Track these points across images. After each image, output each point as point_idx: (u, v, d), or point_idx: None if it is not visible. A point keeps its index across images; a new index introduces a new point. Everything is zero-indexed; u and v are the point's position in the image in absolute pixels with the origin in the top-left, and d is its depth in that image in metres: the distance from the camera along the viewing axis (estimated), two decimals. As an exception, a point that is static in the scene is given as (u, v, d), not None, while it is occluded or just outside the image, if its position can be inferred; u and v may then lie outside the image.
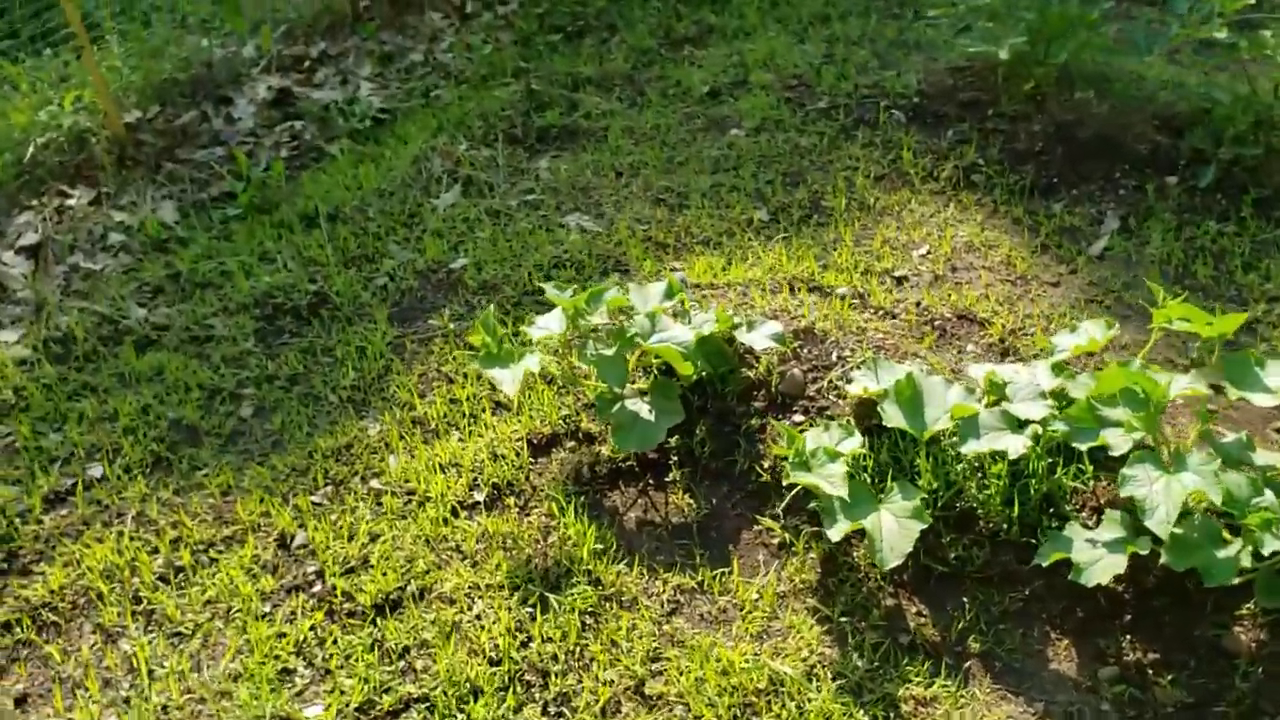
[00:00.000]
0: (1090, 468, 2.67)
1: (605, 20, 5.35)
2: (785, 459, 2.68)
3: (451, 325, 3.51)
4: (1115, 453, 2.53)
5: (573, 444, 3.05)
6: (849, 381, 2.97)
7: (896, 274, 3.63)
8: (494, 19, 5.22)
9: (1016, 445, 2.55)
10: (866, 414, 2.88)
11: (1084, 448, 2.59)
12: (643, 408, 2.90)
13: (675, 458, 2.97)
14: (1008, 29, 4.09)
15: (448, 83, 4.88)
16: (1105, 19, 4.27)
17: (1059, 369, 2.76)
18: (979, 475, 2.70)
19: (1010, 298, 3.50)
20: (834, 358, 3.13)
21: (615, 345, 2.88)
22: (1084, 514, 2.65)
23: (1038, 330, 3.27)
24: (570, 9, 5.35)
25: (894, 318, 3.42)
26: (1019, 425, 2.61)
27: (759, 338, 3.04)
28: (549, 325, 2.98)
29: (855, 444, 2.67)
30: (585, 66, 4.97)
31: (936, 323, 3.39)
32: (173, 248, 4.17)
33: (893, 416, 2.69)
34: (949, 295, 3.45)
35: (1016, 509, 2.61)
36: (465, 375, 3.30)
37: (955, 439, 2.64)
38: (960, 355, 3.25)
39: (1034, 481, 2.63)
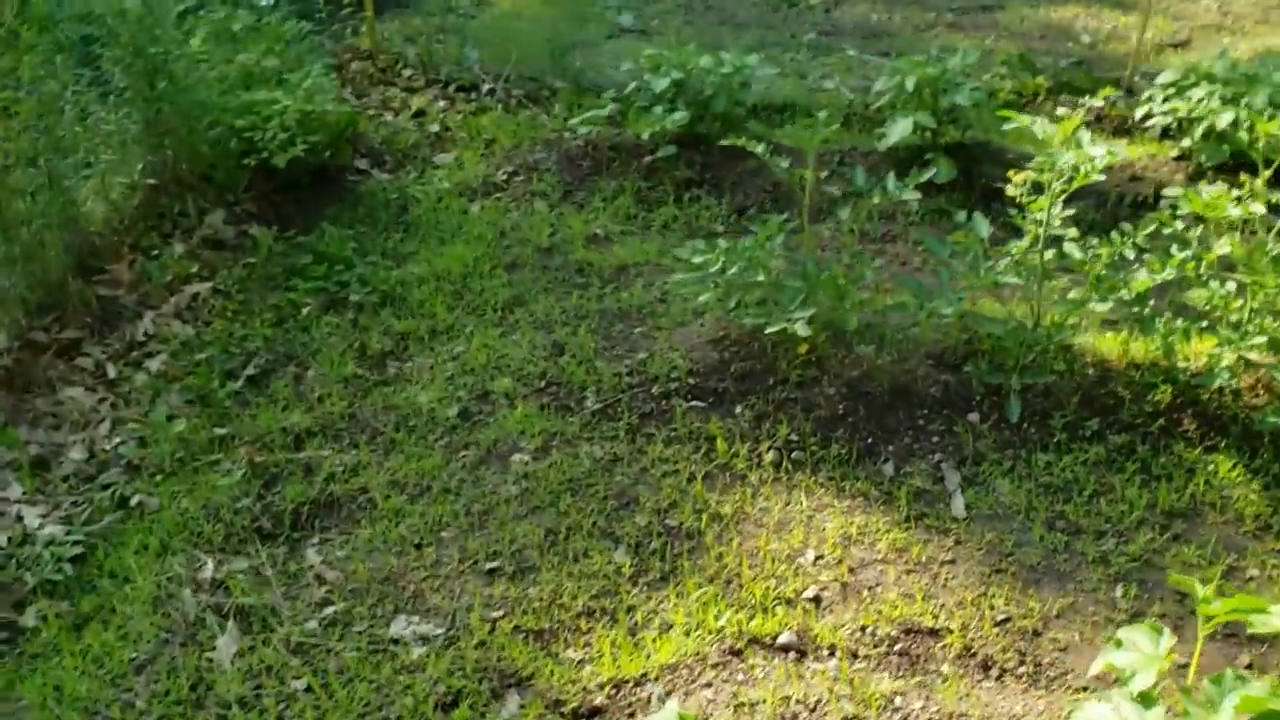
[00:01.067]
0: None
1: (283, 352, 4.53)
2: None
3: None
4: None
5: None
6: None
7: (808, 595, 3.30)
8: (151, 378, 4.20)
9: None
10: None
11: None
12: None
13: None
14: (786, 300, 3.96)
15: (141, 481, 3.80)
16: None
17: (1147, 700, 2.55)
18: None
19: (929, 590, 3.31)
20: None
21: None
22: None
23: (986, 627, 3.09)
24: (235, 349, 4.47)
25: (855, 656, 3.08)
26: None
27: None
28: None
29: None
30: (294, 415, 4.13)
31: (891, 645, 3.11)
32: None
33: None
34: (875, 607, 3.20)
35: None
36: None
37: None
38: (937, 678, 2.98)
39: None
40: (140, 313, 4.50)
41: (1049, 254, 3.94)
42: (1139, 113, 5.96)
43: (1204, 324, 3.94)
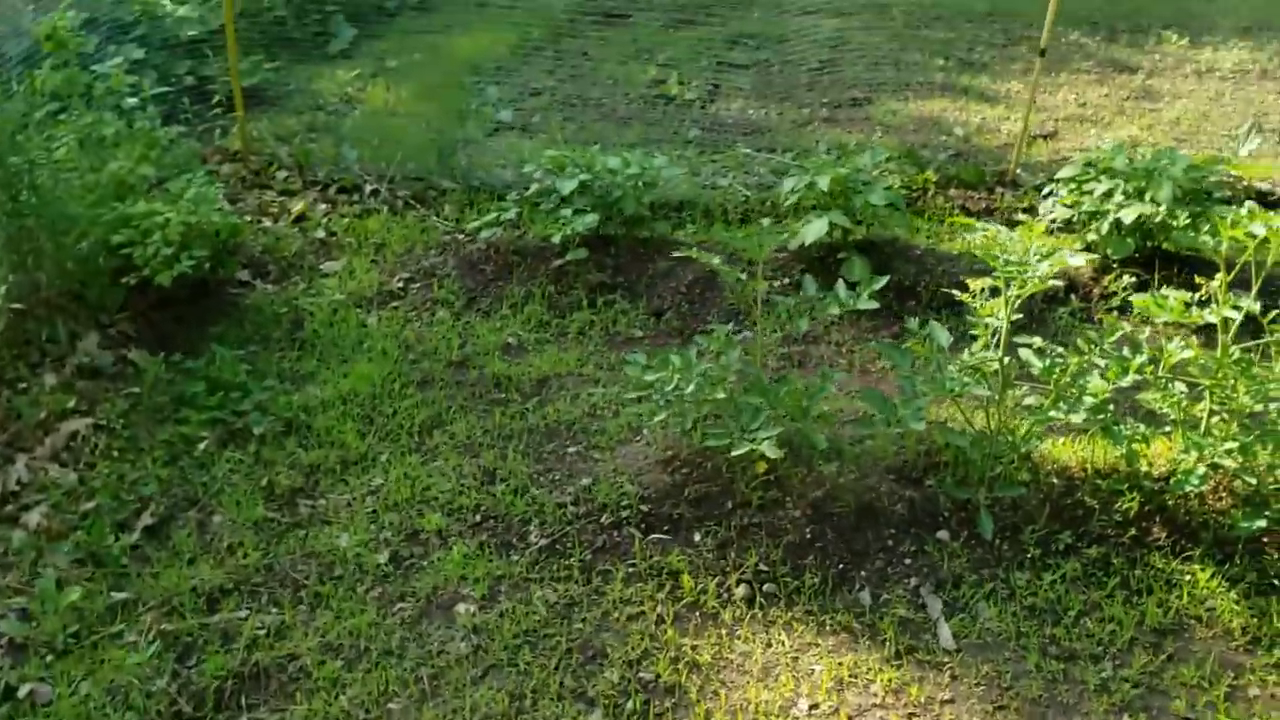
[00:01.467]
0: None
1: (181, 495, 4.01)
2: None
3: None
4: None
5: None
6: None
7: (811, 754, 3.01)
8: (31, 536, 3.63)
9: None
10: None
11: None
12: None
13: None
14: (746, 419, 3.71)
15: (29, 664, 3.22)
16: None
17: None
18: None
19: (939, 737, 3.06)
20: None
21: None
22: None
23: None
24: (126, 495, 3.94)
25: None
26: None
27: None
28: None
29: None
30: (203, 570, 3.64)
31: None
32: None
33: None
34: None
35: None
36: None
37: None
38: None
39: None
40: (11, 457, 3.95)
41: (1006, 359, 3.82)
42: (1043, 207, 6.01)
43: (1164, 428, 3.87)
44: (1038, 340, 3.83)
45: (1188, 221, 5.23)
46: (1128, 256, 5.55)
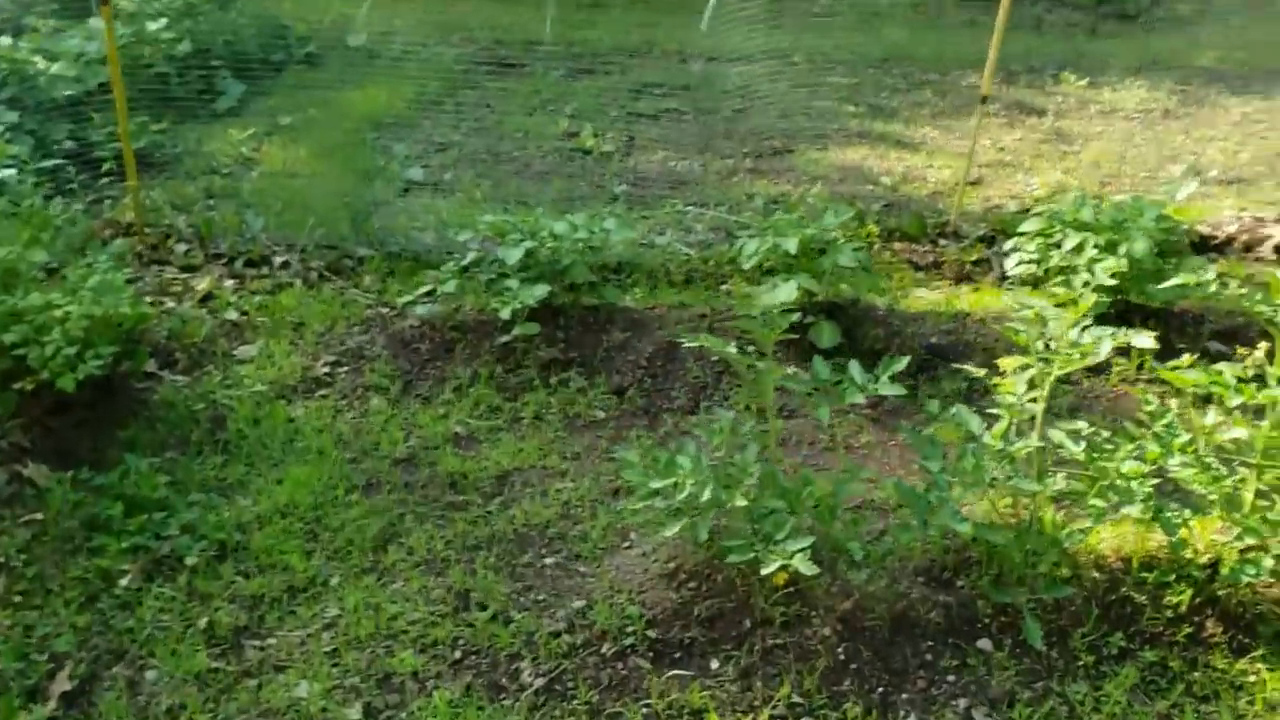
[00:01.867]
0: None
1: (105, 648, 3.35)
2: None
3: None
4: None
5: None
6: None
7: None
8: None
9: None
10: None
11: None
12: None
13: None
14: (770, 528, 3.27)
15: None
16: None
17: None
18: None
19: None
20: None
21: None
22: None
23: None
24: (36, 654, 3.28)
25: None
26: None
27: None
28: None
29: None
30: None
31: None
32: None
33: None
34: None
35: None
36: None
37: None
38: None
39: None
40: (-115, 616, 3.27)
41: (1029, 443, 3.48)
42: (1010, 263, 5.75)
43: (1206, 510, 3.57)
44: (1081, 424, 3.50)
45: (1174, 277, 5.01)
46: (1103, 314, 5.32)
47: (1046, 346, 3.53)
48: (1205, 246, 6.83)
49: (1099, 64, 11.41)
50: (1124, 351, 5.06)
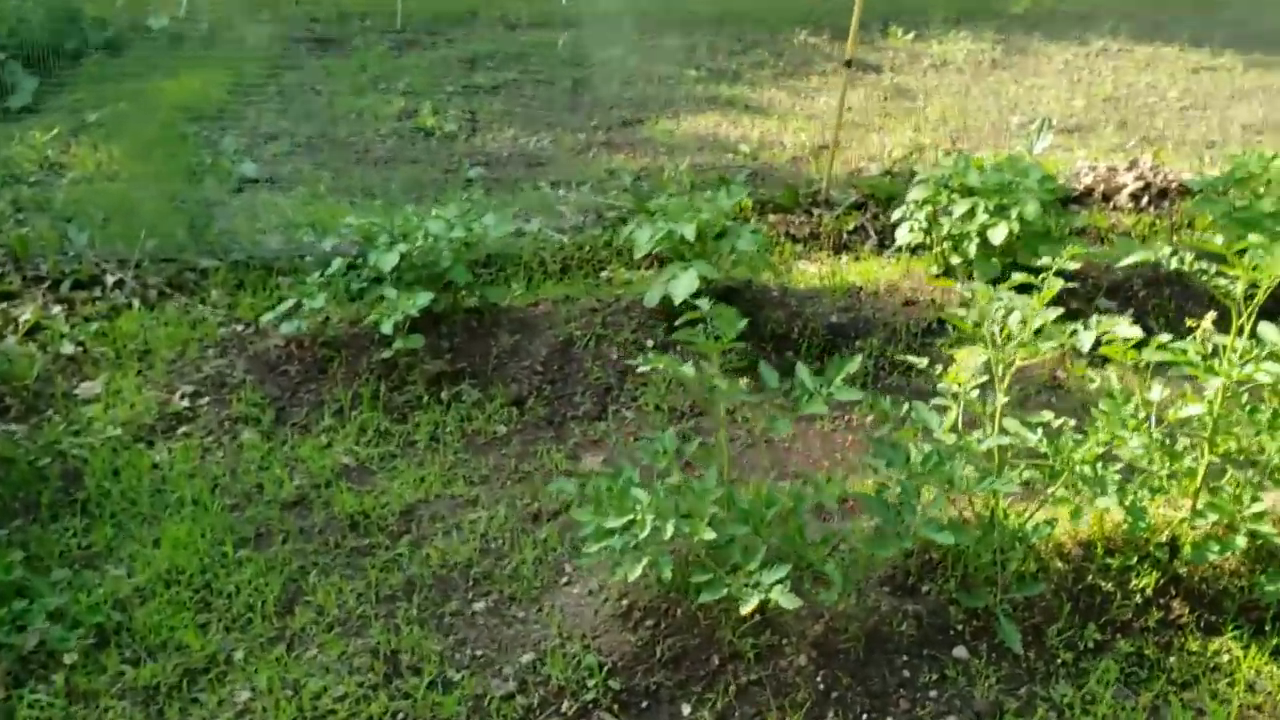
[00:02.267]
0: None
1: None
2: None
3: None
4: None
5: None
6: None
7: None
8: None
9: None
10: None
11: None
12: None
13: None
14: (742, 557, 3.00)
15: None
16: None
17: None
18: None
19: None
20: None
21: None
22: None
23: None
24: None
25: None
26: None
27: None
28: None
29: None
30: None
31: None
32: None
33: None
34: None
35: None
36: None
37: None
38: None
39: None
40: None
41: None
42: (900, 231, 5.61)
43: (1165, 490, 3.48)
44: (1047, 414, 3.34)
45: (1069, 239, 4.97)
46: (995, 278, 5.24)
47: (995, 335, 3.36)
48: (1065, 200, 6.88)
49: (920, 17, 11.44)
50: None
